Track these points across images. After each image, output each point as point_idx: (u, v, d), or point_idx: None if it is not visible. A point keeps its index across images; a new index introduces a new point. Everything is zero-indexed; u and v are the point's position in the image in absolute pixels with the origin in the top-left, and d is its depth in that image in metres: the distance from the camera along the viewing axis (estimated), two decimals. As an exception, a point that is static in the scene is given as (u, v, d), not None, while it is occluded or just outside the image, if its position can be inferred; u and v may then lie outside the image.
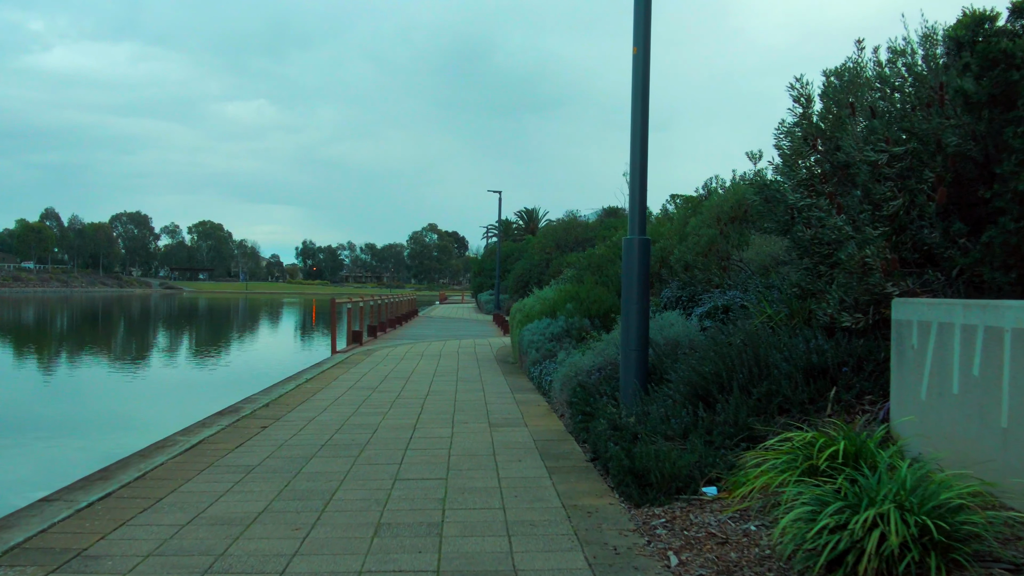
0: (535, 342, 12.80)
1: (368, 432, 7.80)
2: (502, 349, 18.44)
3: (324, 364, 15.13)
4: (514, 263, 53.49)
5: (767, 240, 11.52)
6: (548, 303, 13.97)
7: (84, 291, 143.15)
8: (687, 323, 8.79)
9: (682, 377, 6.55)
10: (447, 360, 15.91)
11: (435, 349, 18.68)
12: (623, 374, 7.47)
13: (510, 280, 45.99)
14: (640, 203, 7.69)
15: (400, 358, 16.31)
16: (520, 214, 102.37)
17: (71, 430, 13.10)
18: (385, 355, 17.01)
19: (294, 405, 9.57)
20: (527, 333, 13.17)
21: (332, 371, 13.59)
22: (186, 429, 7.97)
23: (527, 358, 13.09)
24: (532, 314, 14.13)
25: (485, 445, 7.17)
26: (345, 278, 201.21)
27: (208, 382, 20.04)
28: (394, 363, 15.25)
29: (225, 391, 14.33)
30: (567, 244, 41.92)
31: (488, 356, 16.89)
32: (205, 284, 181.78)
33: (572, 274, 17.20)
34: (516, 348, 15.00)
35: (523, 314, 14.78)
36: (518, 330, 14.61)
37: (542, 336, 12.84)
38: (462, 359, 16.12)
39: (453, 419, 8.62)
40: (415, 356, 16.77)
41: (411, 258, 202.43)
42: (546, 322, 13.21)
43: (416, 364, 15.05)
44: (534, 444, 7.21)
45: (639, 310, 7.50)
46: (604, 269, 15.00)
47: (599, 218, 45.14)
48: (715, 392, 6.22)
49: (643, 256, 7.59)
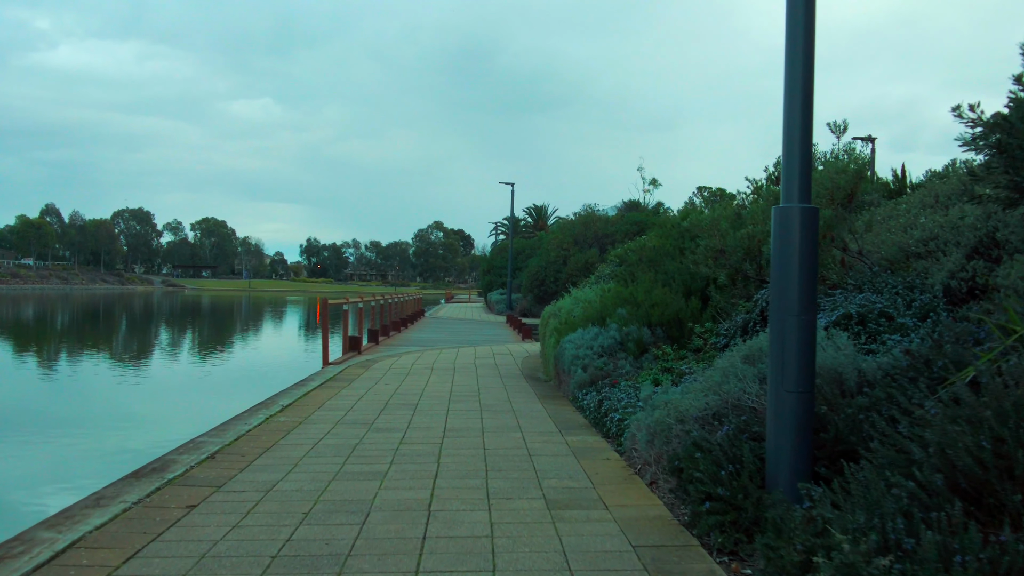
0: (581, 358, 9.81)
1: (354, 523, 4.82)
2: (527, 360, 15.46)
3: (310, 382, 12.14)
4: (526, 260, 50.46)
5: (889, 226, 8.54)
6: (593, 308, 10.98)
7: (84, 288, 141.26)
8: (837, 342, 5.76)
9: (932, 453, 3.53)
10: (463, 376, 12.93)
11: (447, 359, 15.71)
12: (774, 433, 4.49)
13: (523, 278, 42.94)
14: (803, 151, 4.69)
15: (405, 373, 13.32)
16: (529, 211, 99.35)
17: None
18: (387, 368, 14.04)
19: (251, 457, 6.59)
20: (569, 346, 10.18)
21: (317, 394, 10.60)
22: (64, 512, 4.98)
23: (569, 378, 10.10)
24: (572, 321, 11.14)
25: (552, 556, 4.18)
26: (350, 276, 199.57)
27: (171, 404, 17.09)
28: (397, 380, 12.26)
29: (184, 418, 11.41)
30: (586, 240, 38.87)
31: (512, 370, 13.90)
32: (208, 282, 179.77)
33: (615, 271, 14.20)
34: (550, 362, 12.02)
35: (559, 320, 11.78)
36: (552, 340, 11.63)
37: (590, 351, 9.86)
38: (482, 374, 13.14)
39: (487, 488, 5.64)
40: (423, 370, 13.79)
41: (416, 256, 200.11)
42: (593, 332, 10.22)
43: (425, 382, 12.07)
44: (635, 555, 4.22)
45: (803, 325, 4.51)
46: (660, 264, 11.99)
47: (620, 212, 42.05)
48: (1007, 490, 3.23)
49: (809, 234, 4.59)
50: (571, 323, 10.95)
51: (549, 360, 12.07)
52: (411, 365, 14.56)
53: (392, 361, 15.31)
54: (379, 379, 12.38)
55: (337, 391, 10.90)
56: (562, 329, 11.14)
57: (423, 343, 21.68)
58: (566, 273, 38.25)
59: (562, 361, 10.43)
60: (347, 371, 13.52)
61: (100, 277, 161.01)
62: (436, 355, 16.73)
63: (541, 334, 13.47)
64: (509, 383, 12.04)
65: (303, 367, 17.05)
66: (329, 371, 13.70)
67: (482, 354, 17.11)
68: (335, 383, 11.81)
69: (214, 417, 9.16)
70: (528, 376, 12.95)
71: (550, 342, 12.08)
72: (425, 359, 15.81)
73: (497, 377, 12.80)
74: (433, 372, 13.48)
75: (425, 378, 12.60)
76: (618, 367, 9.50)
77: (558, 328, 11.31)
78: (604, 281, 14.86)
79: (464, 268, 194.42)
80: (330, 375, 12.85)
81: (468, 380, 12.39)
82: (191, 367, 23.12)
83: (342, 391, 10.91)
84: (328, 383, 11.78)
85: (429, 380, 12.35)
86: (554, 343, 11.46)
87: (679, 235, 12.08)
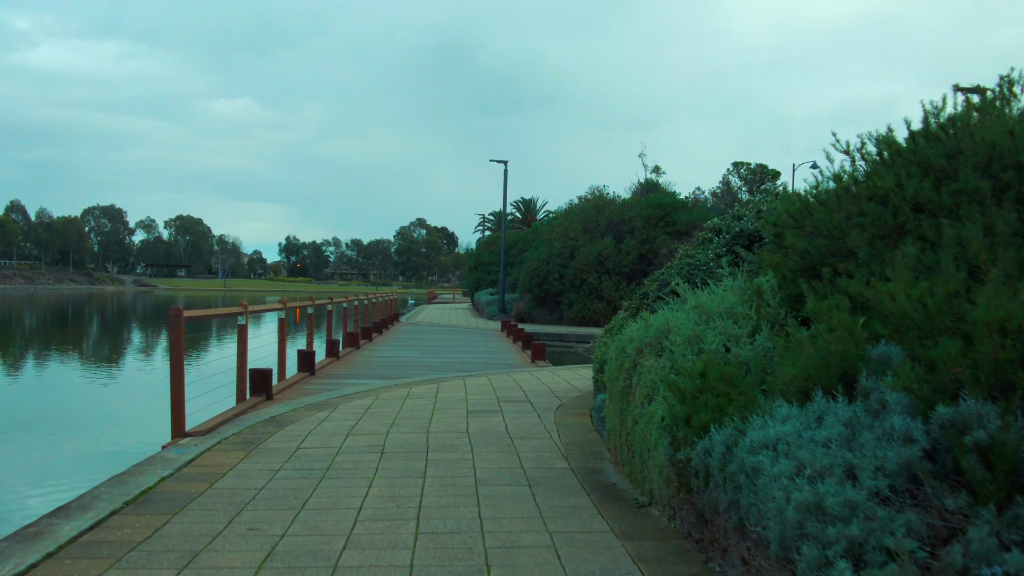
0: (838, 516, 2.86)
1: None
2: (564, 418, 8.56)
3: (127, 484, 5.25)
4: (518, 255, 43.44)
5: None
6: (821, 349, 4.05)
7: (50, 288, 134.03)
8: None
9: None
10: (446, 474, 6.02)
11: (417, 414, 8.79)
12: None
13: (519, 275, 36.01)
14: None
15: (323, 468, 6.40)
16: (517, 204, 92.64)
17: None
18: (291, 448, 7.12)
19: None
20: (775, 486, 3.26)
21: (114, 537, 3.63)
22: None
23: (797, 558, 3.17)
24: (741, 384, 4.22)
25: None
26: (330, 275, 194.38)
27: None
28: (290, 503, 5.35)
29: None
30: (597, 227, 31.94)
31: (545, 450, 6.97)
32: (183, 281, 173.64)
33: (766, 255, 7.18)
34: (649, 461, 5.13)
35: (660, 375, 4.90)
36: (659, 412, 4.74)
37: (844, 502, 2.90)
38: (486, 467, 6.21)
39: None
40: (363, 453, 6.85)
41: (399, 254, 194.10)
42: (839, 428, 3.30)
43: (357, 509, 5.15)
44: None
45: None
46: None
47: (635, 195, 35.17)
48: None
49: None
50: (737, 386, 4.06)
51: (648, 456, 5.16)
52: (346, 433, 7.63)
53: (315, 422, 8.37)
54: (247, 502, 5.45)
55: (164, 520, 3.99)
56: (704, 401, 4.24)
57: (387, 367, 14.77)
58: (573, 268, 31.32)
59: (762, 508, 3.49)
60: (219, 454, 6.57)
61: (68, 277, 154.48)
62: (399, 403, 9.78)
63: (611, 392, 6.32)
64: (558, 514, 5.13)
65: (129, 447, 10.27)
66: (187, 449, 6.74)
67: (478, 398, 10.19)
68: (173, 497, 4.86)
69: None
70: (589, 478, 6.05)
71: (647, 413, 5.17)
72: (378, 415, 8.87)
73: (521, 481, 5.89)
74: (384, 459, 6.55)
75: (362, 484, 5.70)
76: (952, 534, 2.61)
77: (689, 395, 4.40)
78: (708, 275, 7.95)
79: (448, 267, 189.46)
80: (189, 456, 5.89)
81: (457, 495, 5.48)
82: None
83: (173, 522, 4.00)
84: (160, 494, 4.82)
85: (367, 496, 5.43)
86: (664, 422, 4.61)
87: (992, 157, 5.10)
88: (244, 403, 9.53)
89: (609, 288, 30.77)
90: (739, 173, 34.71)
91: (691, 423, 4.41)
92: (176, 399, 7.67)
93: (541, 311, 33.23)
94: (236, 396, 9.76)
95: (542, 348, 16.30)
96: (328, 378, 12.82)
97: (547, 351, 17.54)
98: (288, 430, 7.86)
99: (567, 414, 8.80)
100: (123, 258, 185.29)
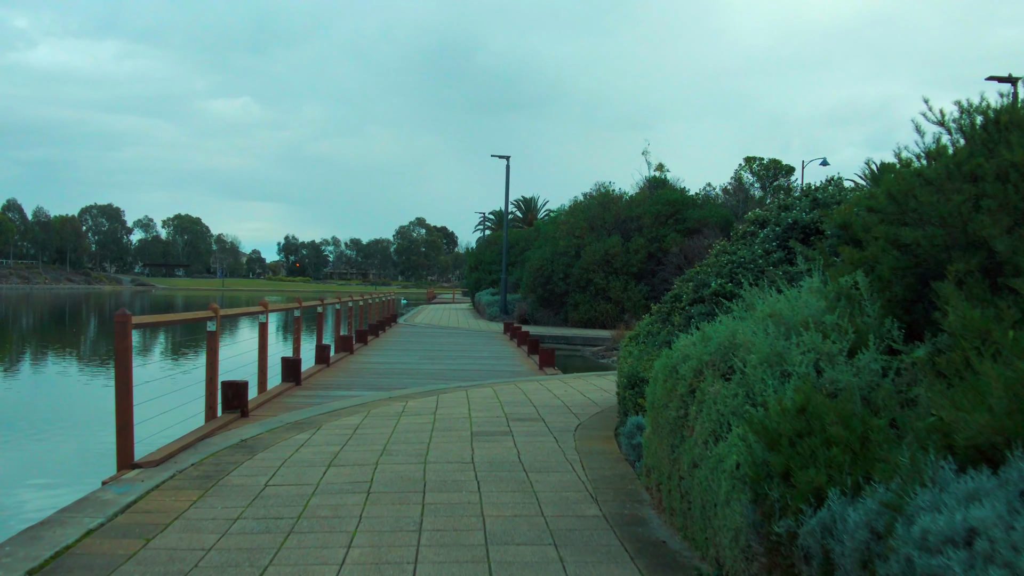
0: None
1: None
2: (587, 440, 7.29)
3: (39, 541, 4.02)
4: (520, 254, 42.13)
5: None
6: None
7: (47, 288, 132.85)
8: None
9: None
10: (451, 527, 4.74)
11: (413, 436, 7.51)
12: None
13: (522, 275, 34.68)
14: None
15: (299, 503, 5.13)
16: (517, 203, 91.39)
17: None
18: (270, 478, 5.86)
19: None
20: None
21: None
22: None
23: None
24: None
25: None
26: (329, 275, 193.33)
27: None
28: (266, 551, 4.08)
29: None
30: (604, 225, 30.62)
31: (575, 497, 5.69)
32: (180, 281, 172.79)
33: (832, 254, 5.91)
34: (708, 513, 3.86)
35: (731, 406, 3.63)
36: (706, 450, 3.50)
37: None
38: (497, 524, 4.93)
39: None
40: (348, 490, 5.57)
41: (398, 254, 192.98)
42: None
43: (337, 572, 3.87)
44: None
45: None
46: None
47: (643, 191, 33.80)
48: None
49: None
50: (857, 429, 2.79)
51: (715, 513, 3.88)
52: (327, 464, 6.35)
53: (291, 448, 7.09)
54: (186, 573, 4.17)
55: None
56: (809, 451, 2.97)
57: (382, 376, 13.50)
58: (579, 267, 30.02)
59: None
60: (138, 514, 5.29)
61: (65, 276, 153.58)
62: (392, 422, 8.49)
63: (654, 411, 4.90)
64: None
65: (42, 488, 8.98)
66: (72, 526, 5.45)
67: (484, 416, 8.92)
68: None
69: None
70: (630, 531, 4.78)
71: (712, 456, 3.90)
72: (367, 438, 7.59)
73: (543, 537, 4.61)
74: (370, 503, 5.27)
75: (340, 543, 4.42)
76: None
77: (784, 439, 3.13)
78: (758, 274, 6.70)
79: (447, 266, 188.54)
80: (36, 560, 4.60)
81: (462, 559, 4.22)
82: None
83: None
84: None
85: (346, 561, 4.15)
86: (740, 471, 3.34)
87: None
88: (214, 422, 8.25)
89: (616, 288, 29.47)
90: (751, 168, 33.36)
91: (792, 481, 3.14)
92: (123, 423, 6.38)
93: (545, 312, 31.92)
94: (205, 414, 8.47)
95: (550, 355, 15.00)
96: (315, 389, 11.54)
97: (536, 348, 16.31)
98: (259, 459, 6.59)
99: (589, 437, 7.52)
100: (121, 257, 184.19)
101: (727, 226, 28.19)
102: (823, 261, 6.33)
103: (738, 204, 30.24)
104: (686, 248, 27.70)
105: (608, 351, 23.22)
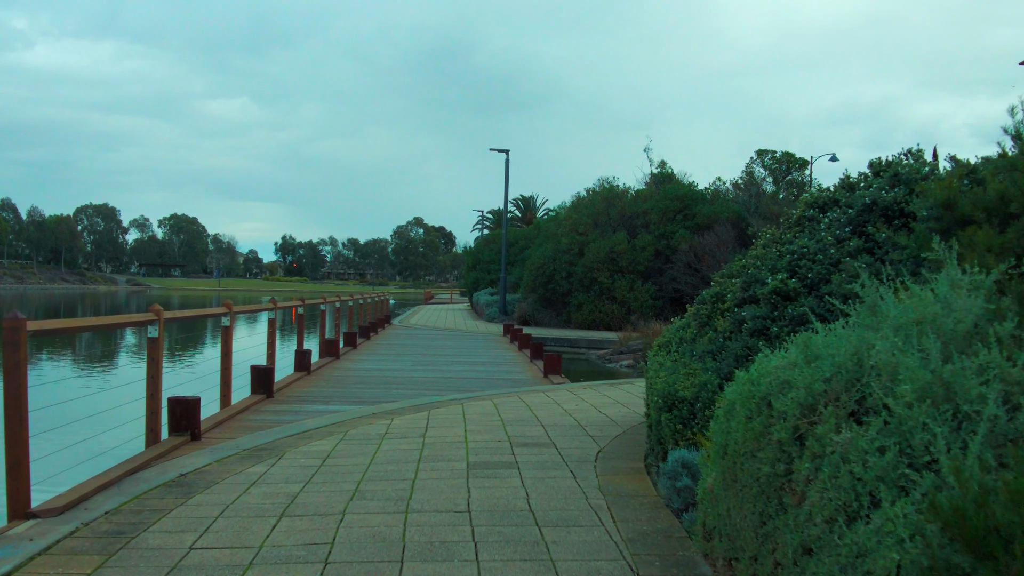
0: None
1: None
2: (613, 475, 5.79)
3: None
4: (519, 253, 40.62)
5: None
6: None
7: (41, 288, 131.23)
8: None
9: None
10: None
11: (395, 469, 6.03)
12: None
13: (522, 274, 33.13)
14: None
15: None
16: (516, 202, 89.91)
17: None
18: (199, 536, 4.37)
19: None
20: None
21: None
22: None
23: None
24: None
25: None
26: (327, 275, 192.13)
27: None
28: None
29: None
30: (609, 221, 29.08)
31: (609, 572, 4.21)
32: (176, 281, 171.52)
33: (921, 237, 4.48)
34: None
35: (879, 467, 2.15)
36: (832, 535, 2.02)
37: None
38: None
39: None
40: (299, 558, 4.08)
41: (396, 254, 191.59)
42: None
43: None
44: None
45: None
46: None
47: (648, 186, 32.26)
48: None
49: None
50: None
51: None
52: (279, 513, 4.88)
53: (240, 486, 5.61)
54: None
55: None
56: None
57: (367, 385, 12.00)
58: (583, 266, 28.49)
59: None
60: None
61: (60, 276, 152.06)
62: (372, 448, 7.01)
63: (727, 460, 3.51)
64: None
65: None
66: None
67: (483, 439, 7.43)
68: None
69: None
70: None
71: (846, 545, 2.41)
72: (337, 471, 6.10)
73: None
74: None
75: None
76: None
77: (996, 542, 1.63)
78: (832, 268, 5.24)
79: (445, 266, 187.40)
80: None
81: None
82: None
83: None
84: None
85: None
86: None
87: None
88: (154, 448, 6.75)
89: (622, 288, 27.95)
90: (763, 162, 31.88)
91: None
92: (15, 460, 4.89)
93: (546, 313, 30.39)
94: (145, 437, 6.98)
95: (556, 360, 13.49)
96: (289, 402, 10.04)
97: (539, 352, 14.85)
98: (193, 504, 5.11)
99: (614, 470, 6.04)
100: (117, 257, 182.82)
101: (740, 222, 26.69)
102: (913, 249, 4.90)
103: (750, 199, 28.72)
104: (696, 245, 26.23)
105: (615, 354, 21.74)
